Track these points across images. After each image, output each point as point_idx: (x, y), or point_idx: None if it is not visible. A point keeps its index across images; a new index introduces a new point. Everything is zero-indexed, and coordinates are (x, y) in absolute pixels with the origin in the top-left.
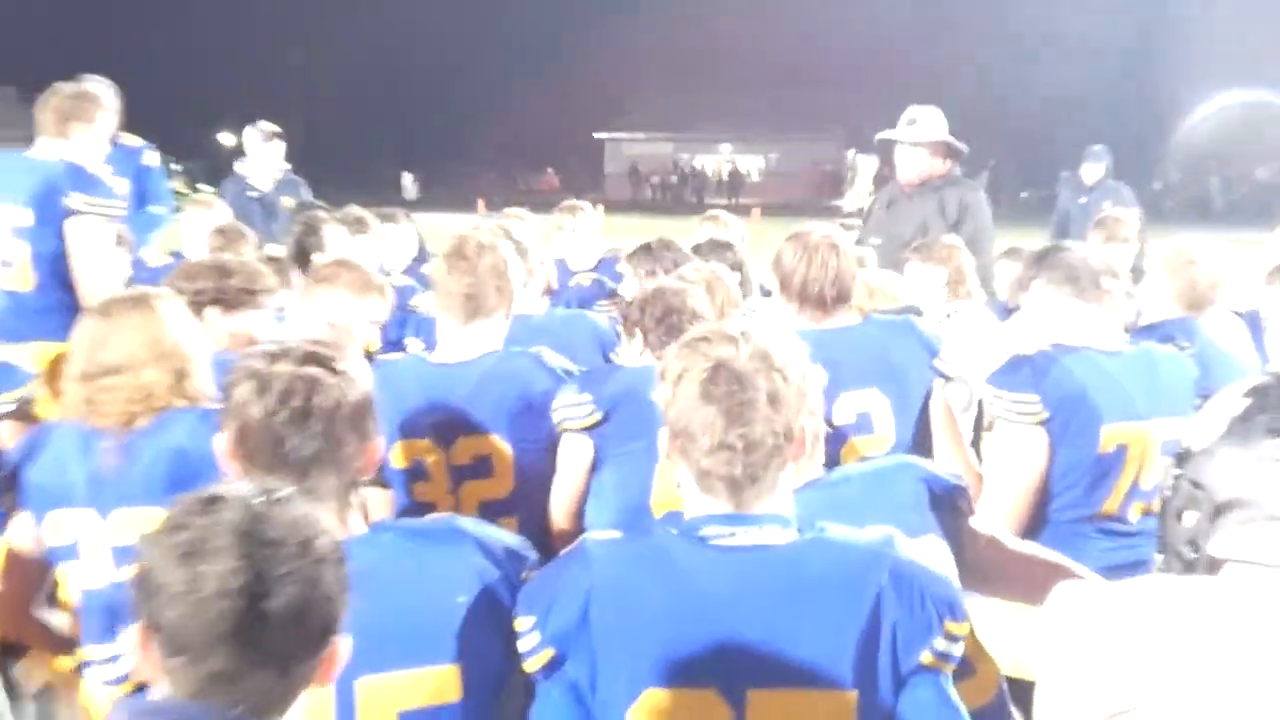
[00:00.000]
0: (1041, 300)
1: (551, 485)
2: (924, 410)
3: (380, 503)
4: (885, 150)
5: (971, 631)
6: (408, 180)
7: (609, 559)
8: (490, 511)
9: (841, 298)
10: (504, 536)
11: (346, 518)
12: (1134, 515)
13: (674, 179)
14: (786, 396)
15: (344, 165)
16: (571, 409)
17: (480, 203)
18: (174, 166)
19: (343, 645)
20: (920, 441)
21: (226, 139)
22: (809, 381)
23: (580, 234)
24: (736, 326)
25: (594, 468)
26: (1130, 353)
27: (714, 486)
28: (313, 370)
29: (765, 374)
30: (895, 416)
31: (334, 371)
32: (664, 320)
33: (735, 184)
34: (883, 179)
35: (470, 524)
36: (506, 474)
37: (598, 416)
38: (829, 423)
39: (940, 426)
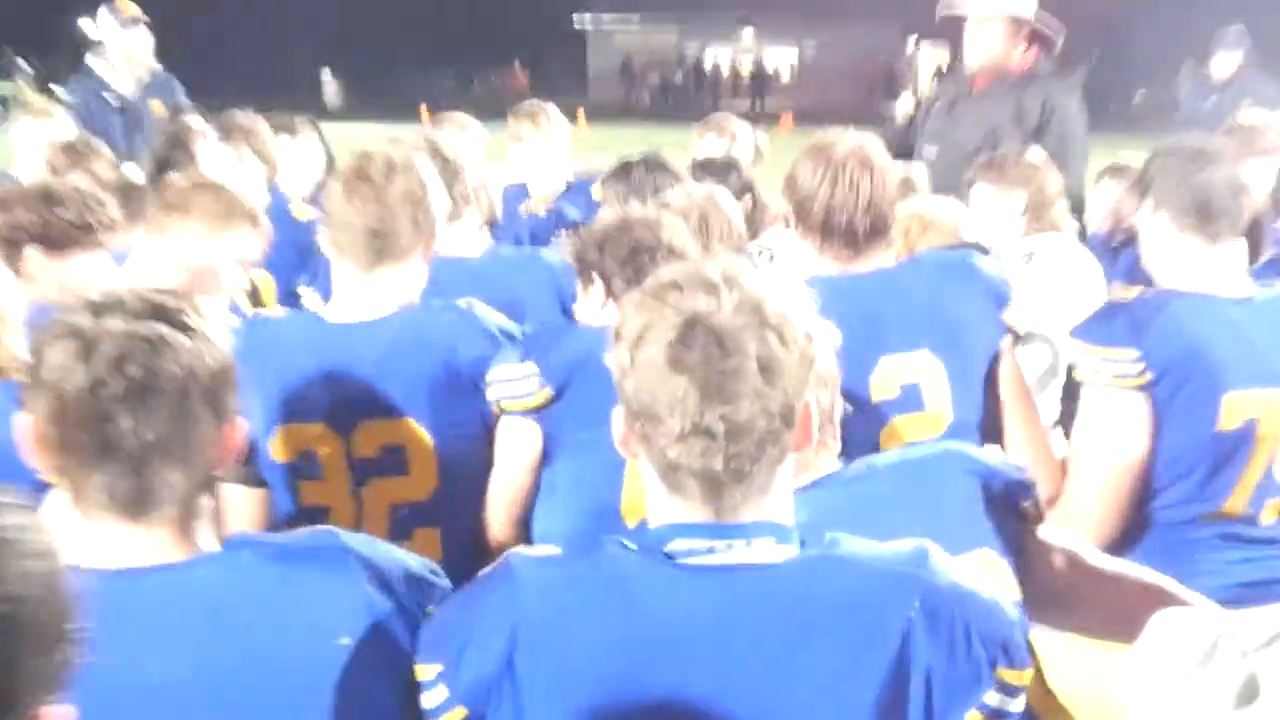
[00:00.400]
0: (1153, 233)
1: (487, 485)
2: (991, 379)
3: (248, 508)
4: (955, 36)
5: (1039, 678)
6: (328, 80)
7: (542, 585)
8: (405, 520)
9: (877, 230)
10: (403, 558)
11: (191, 529)
12: (1267, 516)
13: (679, 77)
14: (785, 363)
15: (243, 61)
16: (512, 383)
17: (424, 109)
18: (20, 63)
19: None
20: (989, 421)
21: (90, 27)
22: (817, 343)
23: (543, 148)
24: (718, 269)
25: (544, 461)
26: (1262, 299)
27: (686, 485)
28: (155, 327)
29: (756, 333)
30: (953, 388)
31: (184, 329)
32: (631, 261)
33: (760, 83)
34: (951, 75)
35: (357, 540)
36: (426, 470)
37: (547, 393)
38: (860, 398)
39: (1010, 401)
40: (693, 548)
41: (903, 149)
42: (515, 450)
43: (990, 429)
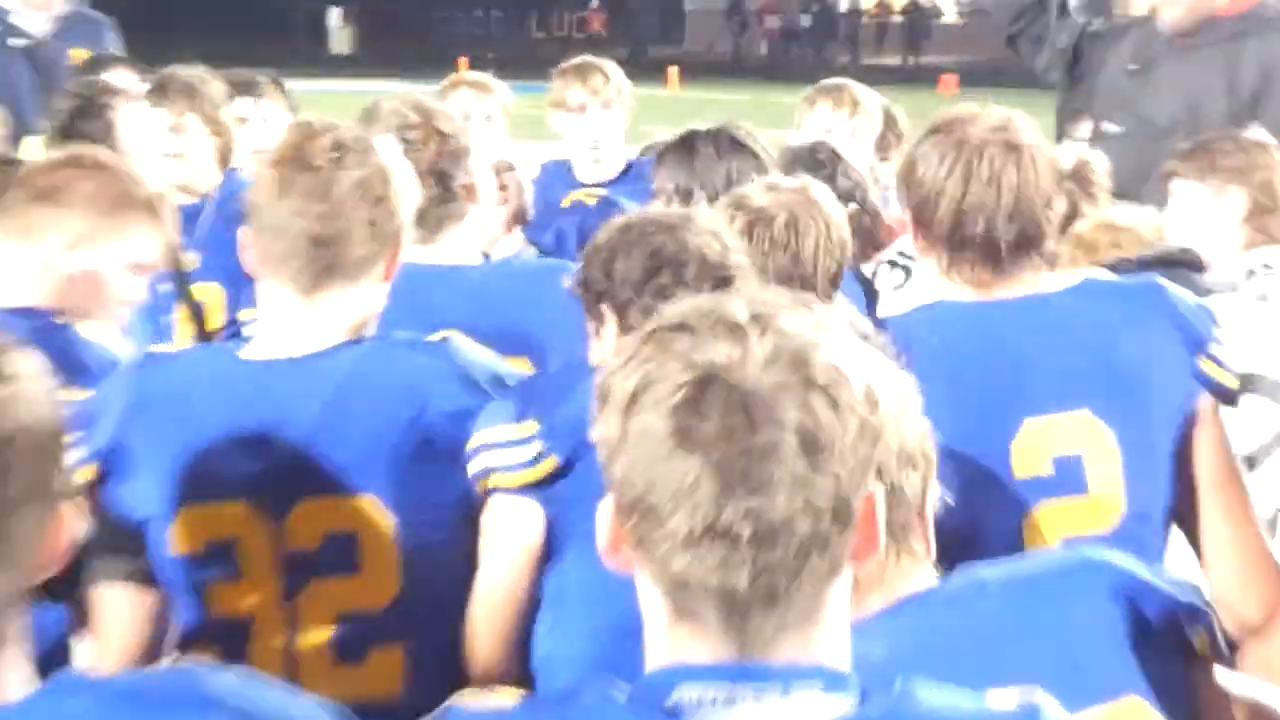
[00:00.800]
0: None
1: (469, 590)
2: (1183, 453)
3: (130, 620)
4: None
5: None
6: (335, 22)
7: None
8: (356, 636)
9: (1026, 241)
10: (295, 710)
11: None
12: None
13: (805, 22)
14: (838, 438)
15: None
16: (505, 449)
17: (463, 62)
18: None
19: None
20: (1180, 510)
21: None
22: (886, 409)
23: (596, 118)
24: (745, 304)
25: (549, 558)
26: None
27: (698, 610)
28: None
29: (797, 395)
30: (1127, 463)
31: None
32: (648, 280)
33: (916, 31)
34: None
35: (230, 684)
36: (385, 567)
37: (552, 463)
38: (996, 475)
39: (1208, 483)
40: (705, 696)
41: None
42: (509, 542)
43: (1181, 522)
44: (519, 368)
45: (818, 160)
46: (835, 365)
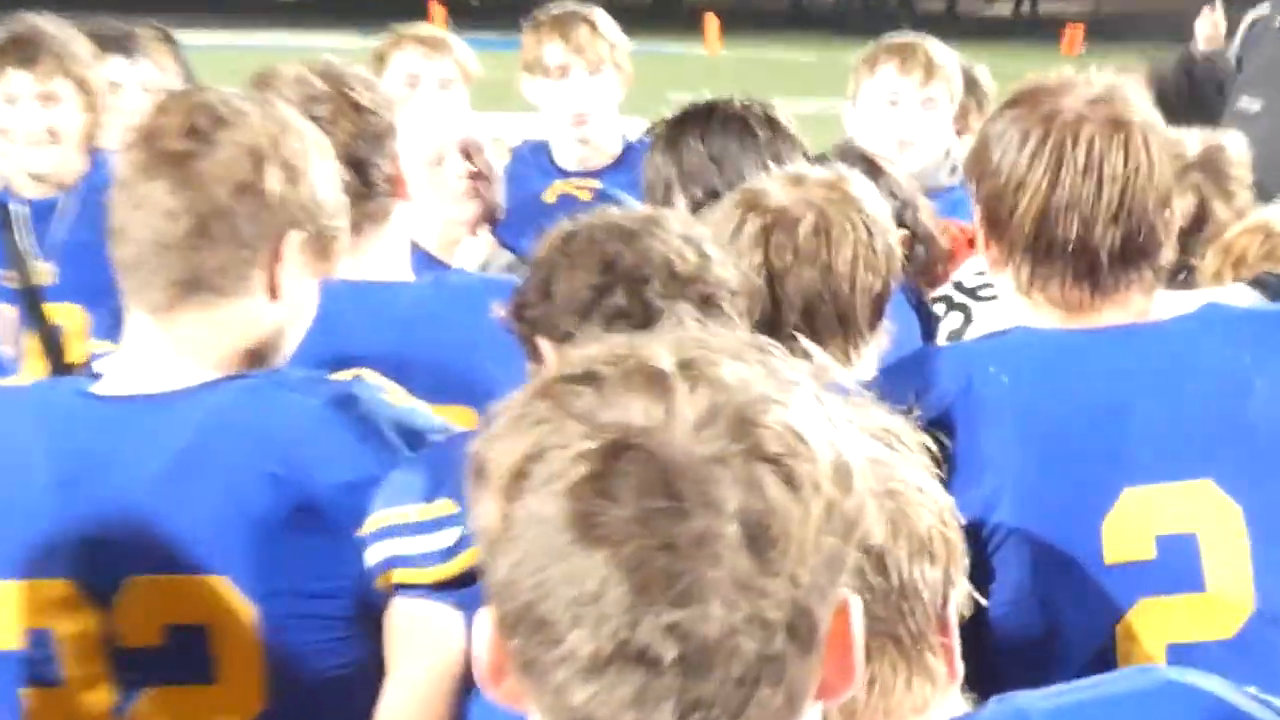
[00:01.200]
0: None
1: (370, 713)
2: None
3: None
4: None
5: None
6: None
7: None
8: None
9: (1133, 252)
10: None
11: None
12: None
13: None
14: (794, 528)
15: None
16: (413, 538)
17: (437, 10)
18: None
19: None
20: None
21: None
22: (862, 483)
23: (581, 85)
24: (672, 347)
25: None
26: None
27: None
28: None
29: (739, 470)
30: (1256, 548)
31: None
32: (595, 307)
33: None
34: None
35: None
36: (245, 674)
37: (474, 555)
38: (1082, 558)
39: None
40: None
41: (1200, 99)
42: (418, 658)
43: None
44: (456, 420)
45: (851, 159)
46: (792, 429)
